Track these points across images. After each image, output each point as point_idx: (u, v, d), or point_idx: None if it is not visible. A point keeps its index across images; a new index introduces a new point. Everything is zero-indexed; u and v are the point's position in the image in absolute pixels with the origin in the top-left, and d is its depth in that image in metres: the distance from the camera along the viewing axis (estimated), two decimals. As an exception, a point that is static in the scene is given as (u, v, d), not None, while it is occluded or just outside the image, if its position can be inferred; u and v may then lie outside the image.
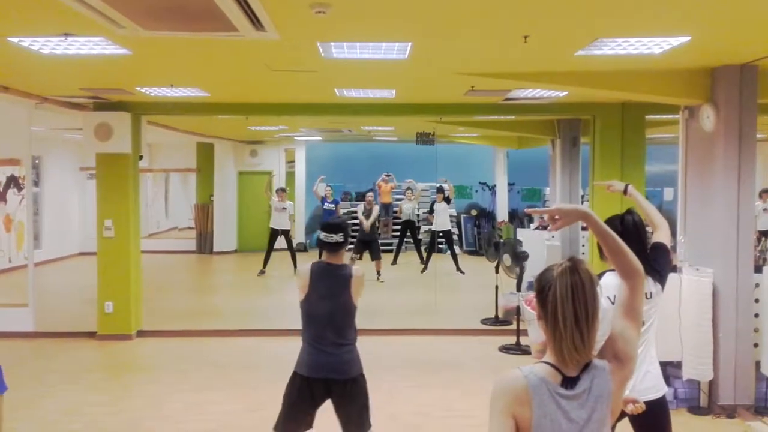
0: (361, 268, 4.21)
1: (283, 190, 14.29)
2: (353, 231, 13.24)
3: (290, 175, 18.66)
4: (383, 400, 6.33)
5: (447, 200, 14.12)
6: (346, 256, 4.27)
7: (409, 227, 15.15)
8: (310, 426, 4.07)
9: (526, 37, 4.76)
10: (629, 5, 4.08)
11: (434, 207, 14.33)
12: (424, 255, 14.22)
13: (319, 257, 4.48)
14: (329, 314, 4.01)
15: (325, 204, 14.43)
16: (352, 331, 4.11)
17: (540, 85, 7.01)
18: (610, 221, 3.49)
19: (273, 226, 13.59)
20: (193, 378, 7.02)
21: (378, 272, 12.78)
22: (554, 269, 2.06)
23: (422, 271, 13.60)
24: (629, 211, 3.58)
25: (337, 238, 4.10)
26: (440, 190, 14.48)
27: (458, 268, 13.57)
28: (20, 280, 9.83)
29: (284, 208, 13.75)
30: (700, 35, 4.82)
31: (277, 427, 4.06)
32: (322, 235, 4.17)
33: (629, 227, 3.49)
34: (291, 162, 18.72)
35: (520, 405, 1.91)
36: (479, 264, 14.35)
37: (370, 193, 13.58)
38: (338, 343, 4.02)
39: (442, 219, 14.01)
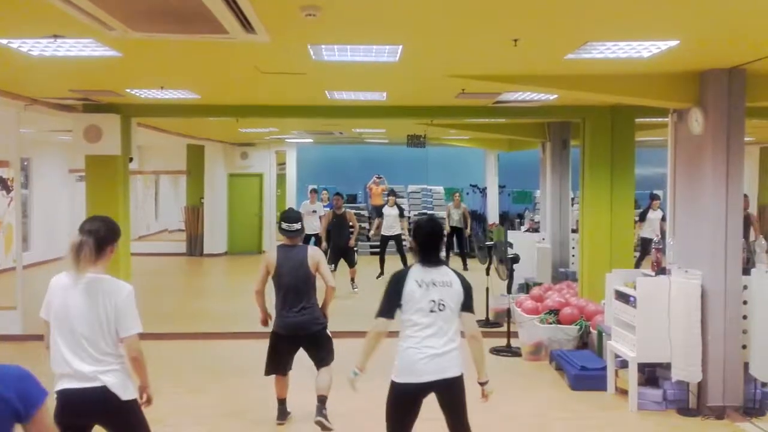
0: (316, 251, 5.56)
1: (314, 191, 13.50)
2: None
3: (281, 178, 18.65)
4: (376, 403, 6.31)
5: (399, 208, 13.46)
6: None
7: (456, 233, 14.84)
8: (289, 367, 5.55)
9: (516, 40, 4.78)
10: (618, 9, 4.11)
11: (383, 211, 13.54)
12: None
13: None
14: (294, 283, 5.28)
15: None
16: (313, 295, 5.39)
17: (530, 88, 7.03)
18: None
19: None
20: (183, 381, 6.99)
21: (352, 280, 11.71)
22: None
23: (378, 276, 12.32)
24: (431, 218, 4.39)
25: (297, 226, 5.41)
26: (392, 192, 13.93)
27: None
28: (8, 282, 9.76)
29: (314, 211, 12.80)
30: (689, 39, 4.86)
31: (267, 371, 5.52)
32: (284, 224, 5.41)
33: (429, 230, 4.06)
34: (282, 164, 18.71)
35: None
36: (469, 266, 14.38)
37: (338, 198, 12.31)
38: (302, 306, 5.30)
39: (391, 223, 13.22)
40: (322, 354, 5.44)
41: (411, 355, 3.83)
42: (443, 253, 14.00)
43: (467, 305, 3.93)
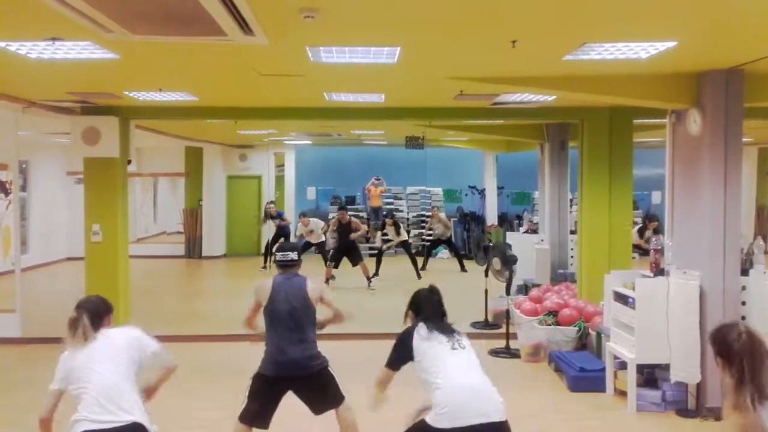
0: (318, 284, 4.77)
1: (303, 214, 14.25)
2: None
3: (280, 179, 18.63)
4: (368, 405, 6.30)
5: (396, 226, 14.49)
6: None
7: (445, 240, 15.56)
8: (272, 415, 4.55)
9: (514, 41, 4.78)
10: (617, 10, 4.11)
11: (386, 232, 14.68)
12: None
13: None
14: (291, 311, 4.49)
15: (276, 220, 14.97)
16: (312, 331, 4.59)
17: (528, 90, 7.04)
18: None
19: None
20: (180, 383, 6.93)
21: (367, 278, 12.46)
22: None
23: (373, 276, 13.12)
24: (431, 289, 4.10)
25: (292, 255, 4.70)
26: (390, 215, 14.86)
27: (417, 274, 13.74)
28: (7, 285, 9.75)
29: (312, 231, 13.67)
30: (686, 40, 4.87)
31: (244, 418, 4.53)
32: (278, 255, 4.74)
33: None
34: (280, 166, 18.69)
35: None
36: (468, 267, 14.39)
37: (342, 212, 13.21)
38: (300, 341, 4.48)
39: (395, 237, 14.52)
40: (331, 394, 4.57)
41: (449, 396, 3.49)
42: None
43: None
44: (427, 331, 3.74)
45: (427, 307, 3.90)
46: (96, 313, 3.61)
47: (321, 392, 4.55)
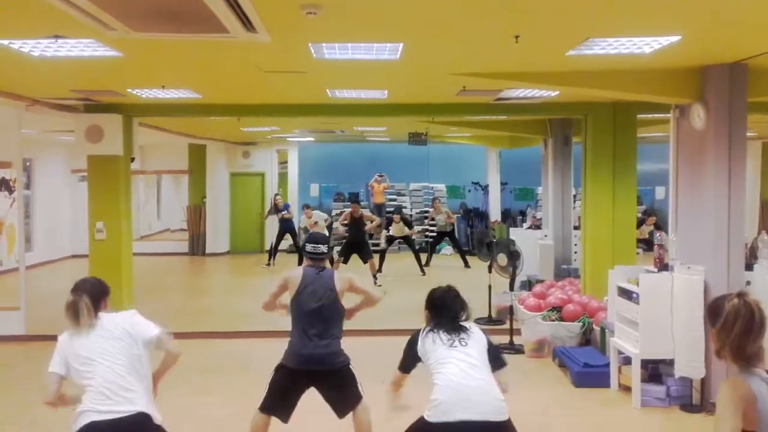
0: (344, 273, 4.76)
1: (307, 206, 14.30)
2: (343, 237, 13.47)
3: (283, 176, 18.65)
4: (376, 403, 6.31)
5: (405, 221, 14.73)
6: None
7: (447, 235, 15.50)
8: (292, 409, 4.53)
9: (517, 37, 4.77)
10: (620, 5, 4.10)
11: (392, 227, 14.87)
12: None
13: (299, 263, 4.91)
14: (319, 307, 4.48)
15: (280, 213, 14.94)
16: (338, 327, 4.57)
17: (531, 85, 7.02)
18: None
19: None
20: (185, 381, 6.98)
21: (374, 275, 12.49)
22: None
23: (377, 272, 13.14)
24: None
25: (322, 248, 4.72)
26: (397, 211, 15.10)
27: (421, 269, 13.80)
28: (11, 283, 9.78)
29: (316, 223, 13.74)
30: (690, 35, 4.85)
31: (264, 406, 4.52)
32: (309, 246, 4.74)
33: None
34: (283, 163, 18.71)
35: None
36: (471, 263, 14.38)
37: (355, 205, 13.30)
38: (324, 336, 4.47)
39: (400, 232, 14.69)
40: (349, 392, 4.53)
41: (442, 390, 3.51)
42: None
43: (496, 362, 3.71)
44: (434, 333, 3.75)
45: (443, 306, 3.86)
46: (95, 295, 3.55)
47: (340, 390, 4.52)
